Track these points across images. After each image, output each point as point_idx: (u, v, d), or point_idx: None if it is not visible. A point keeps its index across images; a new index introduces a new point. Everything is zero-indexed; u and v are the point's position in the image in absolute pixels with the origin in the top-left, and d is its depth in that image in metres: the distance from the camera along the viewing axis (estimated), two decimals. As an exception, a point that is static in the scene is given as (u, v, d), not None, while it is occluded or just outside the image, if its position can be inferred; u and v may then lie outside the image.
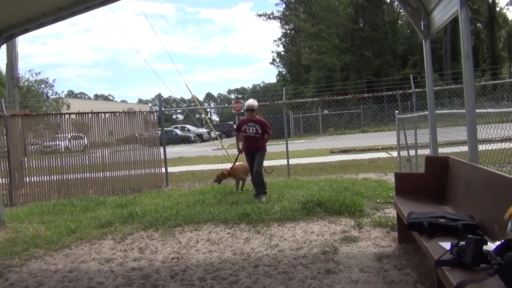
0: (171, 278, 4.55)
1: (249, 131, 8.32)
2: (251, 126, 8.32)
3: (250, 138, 8.34)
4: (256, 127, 8.31)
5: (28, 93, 31.09)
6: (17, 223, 7.67)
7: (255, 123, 8.34)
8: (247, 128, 8.35)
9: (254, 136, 8.32)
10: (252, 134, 8.31)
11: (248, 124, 8.36)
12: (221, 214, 6.99)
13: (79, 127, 12.08)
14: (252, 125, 8.32)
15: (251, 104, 8.44)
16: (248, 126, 8.35)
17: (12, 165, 10.39)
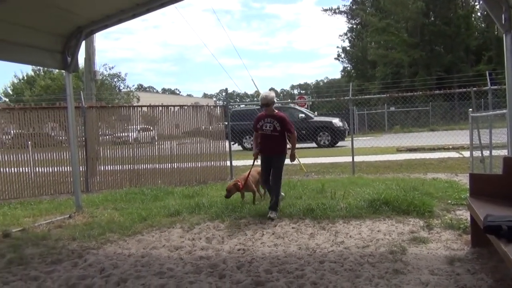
0: (237, 269, 4.66)
1: (266, 128, 6.90)
2: (268, 122, 6.89)
3: (267, 137, 6.94)
4: (274, 123, 6.85)
5: (102, 87, 32.79)
6: (93, 208, 8.13)
7: (273, 119, 6.89)
8: (263, 124, 6.93)
9: (272, 135, 6.88)
10: (269, 131, 6.88)
11: (265, 120, 6.93)
12: (286, 209, 7.03)
13: (148, 120, 12.60)
14: (269, 121, 6.89)
15: (264, 97, 6.94)
16: (264, 122, 6.92)
17: (88, 154, 11.02)
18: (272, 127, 6.85)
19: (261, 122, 6.95)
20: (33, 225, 6.94)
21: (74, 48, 7.60)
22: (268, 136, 6.91)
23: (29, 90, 35.10)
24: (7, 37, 6.55)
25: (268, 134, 6.89)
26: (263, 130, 6.92)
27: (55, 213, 7.95)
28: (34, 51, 7.10)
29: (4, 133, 11.36)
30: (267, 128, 6.87)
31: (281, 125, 6.85)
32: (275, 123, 6.84)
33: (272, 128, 6.85)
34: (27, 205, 8.86)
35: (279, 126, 6.84)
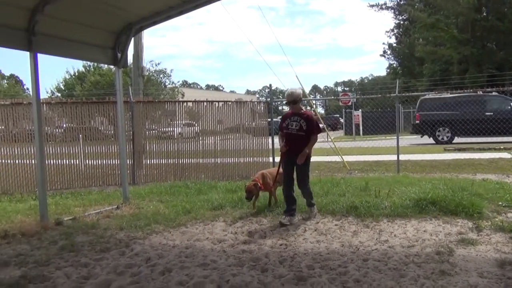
0: (279, 263, 4.67)
1: (291, 127, 6.41)
2: (294, 121, 6.40)
3: (292, 136, 6.39)
4: (300, 122, 6.35)
5: (149, 82, 33.55)
6: (139, 200, 8.37)
7: (300, 117, 6.39)
8: (289, 123, 6.44)
9: (297, 134, 6.35)
10: (294, 131, 6.38)
11: (291, 118, 6.46)
12: (329, 206, 6.99)
13: (192, 115, 12.82)
14: (295, 120, 6.40)
15: (290, 93, 6.49)
16: (290, 121, 6.44)
17: (135, 148, 11.35)
18: (298, 126, 6.34)
19: (287, 121, 6.48)
20: (83, 215, 7.22)
21: (124, 44, 7.83)
22: (293, 136, 6.37)
23: (79, 85, 36.41)
24: (63, 35, 6.85)
25: (293, 133, 6.37)
26: (288, 129, 6.42)
27: (104, 203, 8.24)
28: (87, 47, 7.37)
29: (56, 127, 11.88)
30: (293, 127, 6.37)
31: (307, 125, 6.34)
32: (301, 122, 6.34)
33: (298, 127, 6.34)
34: (78, 195, 9.22)
35: (306, 125, 6.33)
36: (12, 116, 10.51)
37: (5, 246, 5.56)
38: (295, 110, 6.50)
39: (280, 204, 7.14)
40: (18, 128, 10.70)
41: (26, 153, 10.39)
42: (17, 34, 6.30)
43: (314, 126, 6.40)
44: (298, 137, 6.34)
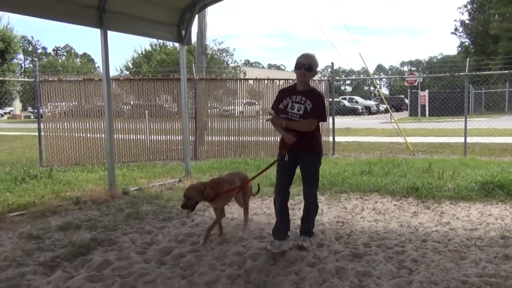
0: (335, 240, 4.69)
1: (293, 110, 4.27)
2: (297, 102, 4.28)
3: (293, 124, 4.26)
4: (306, 104, 4.24)
5: (212, 61, 34.09)
6: (200, 174, 8.64)
7: (307, 97, 4.27)
8: (290, 104, 4.31)
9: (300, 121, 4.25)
10: (296, 116, 4.24)
11: (293, 97, 4.32)
12: (388, 186, 6.87)
13: (253, 94, 12.92)
14: (299, 100, 4.28)
15: (306, 55, 4.35)
16: (292, 102, 4.31)
17: (198, 125, 11.66)
18: (303, 110, 4.22)
19: (286, 100, 4.33)
20: (148, 186, 7.58)
21: (188, 21, 8.00)
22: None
23: (146, 64, 37.67)
24: (131, 12, 7.12)
25: (295, 119, 4.24)
26: (287, 114, 4.27)
27: (167, 176, 8.58)
28: (154, 24, 7.61)
29: (124, 104, 12.45)
30: (295, 110, 4.24)
31: (314, 108, 4.24)
32: (307, 104, 4.23)
33: (303, 111, 4.22)
34: (143, 168, 9.66)
35: (313, 108, 4.23)
36: (84, 92, 11.11)
37: (77, 212, 5.98)
38: (303, 84, 4.36)
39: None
40: (89, 104, 11.31)
41: (97, 127, 10.97)
42: (88, 12, 6.62)
43: (321, 110, 4.31)
44: None
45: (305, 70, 4.27)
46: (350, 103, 38.18)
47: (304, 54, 4.37)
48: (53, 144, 10.68)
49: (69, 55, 69.92)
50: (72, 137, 10.88)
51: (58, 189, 7.26)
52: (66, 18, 6.69)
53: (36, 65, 11.13)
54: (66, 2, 6.30)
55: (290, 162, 4.40)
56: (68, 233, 5.00)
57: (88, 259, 4.18)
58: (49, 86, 10.70)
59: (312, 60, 4.30)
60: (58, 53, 68.69)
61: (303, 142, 4.27)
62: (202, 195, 4.45)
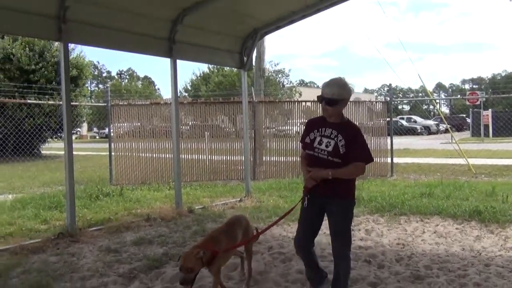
0: (396, 262, 4.78)
1: (321, 146, 3.56)
2: (326, 136, 3.56)
3: (320, 162, 3.52)
4: (337, 140, 3.51)
5: (268, 82, 34.74)
6: (260, 194, 8.93)
7: (337, 131, 3.54)
8: (317, 138, 3.60)
9: (329, 160, 3.49)
10: (324, 153, 3.52)
11: (323, 130, 3.60)
12: (450, 209, 6.84)
13: (309, 114, 13.14)
14: (329, 134, 3.56)
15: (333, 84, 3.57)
16: (320, 135, 3.60)
17: (256, 145, 12.02)
18: (332, 146, 3.49)
19: (314, 134, 3.63)
20: (211, 205, 7.96)
21: (249, 48, 8.43)
22: (322, 162, 3.51)
23: (204, 85, 38.96)
24: (198, 41, 7.64)
25: (322, 158, 3.51)
26: (314, 150, 3.57)
27: (228, 196, 8.94)
28: (218, 52, 8.10)
29: (182, 124, 13.07)
30: (323, 146, 3.53)
31: (349, 146, 3.48)
32: (339, 139, 3.49)
33: (332, 147, 3.49)
34: (205, 187, 10.10)
35: (346, 146, 3.47)
36: (150, 115, 11.82)
37: (148, 228, 6.43)
38: (333, 116, 3.59)
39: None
40: (153, 125, 12.00)
41: (161, 148, 11.59)
42: (160, 43, 7.19)
43: (361, 150, 3.54)
44: (331, 165, 3.47)
45: (326, 104, 3.49)
46: (408, 123, 37.40)
47: (328, 82, 3.57)
48: (121, 164, 11.39)
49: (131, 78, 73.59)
50: (139, 157, 11.55)
51: (129, 206, 7.81)
52: (139, 50, 7.33)
53: (108, 91, 11.99)
54: (139, 35, 6.89)
55: (314, 209, 3.59)
56: (142, 248, 5.42)
57: (162, 272, 4.54)
58: (119, 110, 11.49)
59: (334, 90, 3.47)
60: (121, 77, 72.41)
61: (329, 184, 3.44)
62: (202, 261, 3.42)
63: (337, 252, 3.67)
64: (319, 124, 3.64)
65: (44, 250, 5.35)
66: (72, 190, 6.11)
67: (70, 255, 5.19)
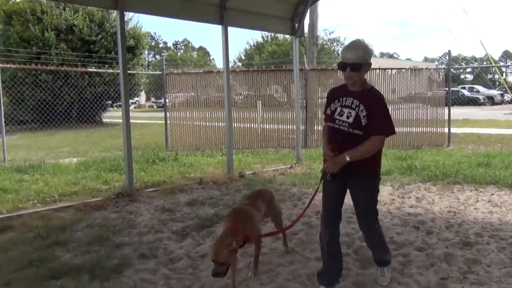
0: (446, 228, 4.73)
1: (341, 117, 3.24)
2: (347, 106, 3.23)
3: (341, 135, 3.23)
4: (358, 110, 3.18)
5: (322, 51, 34.15)
6: (310, 162, 8.97)
7: (359, 100, 3.20)
8: (338, 109, 3.28)
9: (350, 132, 3.18)
10: (345, 125, 3.21)
11: (342, 100, 3.28)
12: (508, 179, 6.62)
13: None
14: (349, 104, 3.23)
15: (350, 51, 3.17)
16: (340, 106, 3.28)
17: (308, 114, 11.98)
18: (353, 117, 3.17)
19: (335, 104, 3.31)
20: (262, 170, 8.12)
21: (301, 14, 8.34)
22: (343, 135, 3.21)
23: (258, 55, 38.91)
24: (249, 8, 7.66)
25: (343, 130, 3.21)
26: (334, 121, 3.26)
27: (279, 162, 9.07)
28: (269, 19, 8.09)
29: (236, 94, 13.22)
30: (343, 117, 3.21)
31: (371, 116, 3.15)
32: (360, 109, 3.17)
33: (353, 118, 3.17)
34: (256, 154, 10.29)
35: (367, 116, 3.15)
36: (203, 84, 12.05)
37: (200, 191, 6.69)
38: (357, 84, 3.24)
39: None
40: (207, 94, 12.23)
41: (214, 116, 11.83)
42: (211, 10, 7.28)
43: (383, 121, 3.20)
44: (353, 137, 3.17)
45: (351, 71, 3.14)
46: (470, 93, 35.64)
47: (348, 46, 3.23)
48: (176, 131, 11.77)
49: (187, 49, 74.57)
50: (193, 125, 11.87)
51: (183, 170, 8.14)
52: (192, 17, 7.44)
53: (163, 60, 12.30)
54: (191, 2, 7.00)
55: (336, 185, 3.30)
56: (194, 208, 5.68)
57: (212, 231, 4.76)
58: (173, 78, 11.79)
59: (359, 53, 3.12)
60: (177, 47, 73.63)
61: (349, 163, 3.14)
62: (236, 251, 3.21)
63: (364, 227, 3.47)
64: (340, 94, 3.32)
65: (105, 208, 5.74)
66: (130, 153, 6.45)
67: (128, 212, 5.54)
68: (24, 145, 13.04)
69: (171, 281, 3.57)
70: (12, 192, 6.51)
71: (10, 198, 6.17)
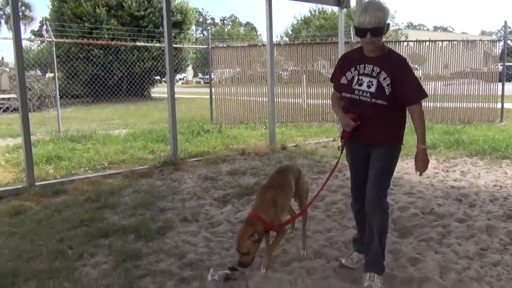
0: (490, 202, 4.62)
1: (360, 86, 2.87)
2: (367, 75, 2.86)
3: (361, 105, 2.89)
4: (379, 77, 2.81)
5: (370, 24, 33.20)
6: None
7: (379, 67, 2.83)
8: (356, 78, 2.90)
9: (372, 103, 2.84)
10: (366, 95, 2.85)
11: (360, 68, 2.90)
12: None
13: (415, 59, 12.46)
14: (369, 71, 2.85)
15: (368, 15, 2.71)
16: (357, 74, 2.90)
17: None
18: (375, 86, 2.82)
19: (351, 73, 2.93)
20: (304, 143, 8.16)
21: (347, -15, 8.16)
22: (364, 105, 2.88)
23: (305, 29, 38.36)
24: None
25: (364, 100, 2.87)
26: (353, 92, 2.91)
27: (321, 136, 9.06)
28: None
29: (283, 70, 13.17)
30: (363, 87, 2.86)
31: (395, 83, 2.80)
32: (382, 77, 2.81)
33: (375, 87, 2.82)
34: (300, 128, 10.33)
35: (391, 85, 2.80)
36: (248, 59, 12.08)
37: (242, 161, 6.82)
38: (374, 50, 2.86)
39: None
40: (252, 70, 12.27)
41: (259, 92, 11.88)
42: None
43: (415, 87, 2.85)
44: (374, 107, 2.85)
45: (372, 36, 2.75)
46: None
47: (365, 8, 2.74)
48: (221, 105, 11.93)
49: (234, 24, 74.51)
50: (238, 99, 11.99)
51: (226, 142, 8.30)
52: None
53: (209, 33, 12.41)
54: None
55: (358, 156, 3.08)
56: (236, 177, 5.81)
57: (252, 199, 4.86)
58: (219, 52, 11.89)
59: (379, 15, 2.72)
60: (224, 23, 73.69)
61: (368, 132, 2.92)
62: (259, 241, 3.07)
63: (370, 202, 2.95)
64: (357, 60, 2.91)
65: (150, 175, 5.99)
66: (175, 124, 6.64)
67: (172, 180, 5.75)
68: (77, 117, 13.66)
69: (211, 243, 3.72)
70: (66, 160, 6.89)
71: (64, 165, 6.54)
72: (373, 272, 2.93)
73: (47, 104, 15.91)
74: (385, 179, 2.98)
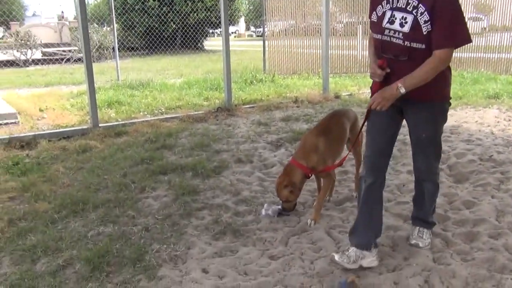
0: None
1: (392, 24, 2.27)
2: (401, 10, 2.24)
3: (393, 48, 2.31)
4: (416, 12, 2.18)
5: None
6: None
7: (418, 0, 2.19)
8: (387, 14, 2.30)
9: (405, 47, 2.25)
10: (399, 38, 2.25)
11: (392, 1, 2.28)
12: None
13: (480, 8, 11.70)
14: (403, 5, 2.23)
15: None
16: (389, 9, 2.29)
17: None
18: (410, 24, 2.21)
19: (383, 7, 2.34)
20: (358, 92, 8.03)
21: None
22: (397, 49, 2.30)
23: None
24: None
25: (397, 43, 2.29)
26: (383, 32, 2.34)
27: (376, 86, 8.84)
28: None
29: (337, 22, 12.79)
30: (395, 25, 2.26)
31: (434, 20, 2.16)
32: (419, 12, 2.18)
33: (410, 26, 2.21)
34: (354, 78, 10.12)
35: (431, 21, 2.17)
36: (301, 11, 11.79)
37: (295, 108, 6.84)
38: None
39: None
40: (305, 22, 12.00)
41: (313, 44, 11.65)
42: None
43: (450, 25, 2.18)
44: (409, 53, 2.28)
45: None
46: None
47: None
48: (274, 57, 11.83)
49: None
50: (291, 51, 11.83)
51: (279, 90, 8.31)
52: None
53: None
54: None
55: (387, 116, 2.46)
56: (288, 123, 5.86)
57: (305, 143, 4.92)
58: (273, 3, 11.65)
59: None
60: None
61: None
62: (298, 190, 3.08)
63: (421, 167, 2.58)
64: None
65: (205, 120, 6.16)
66: (229, 69, 6.74)
67: (227, 125, 5.89)
68: (134, 68, 14.04)
69: (264, 183, 3.85)
70: (126, 104, 7.20)
71: (124, 109, 6.84)
72: (423, 227, 2.72)
73: (106, 55, 16.41)
74: (434, 145, 2.52)
